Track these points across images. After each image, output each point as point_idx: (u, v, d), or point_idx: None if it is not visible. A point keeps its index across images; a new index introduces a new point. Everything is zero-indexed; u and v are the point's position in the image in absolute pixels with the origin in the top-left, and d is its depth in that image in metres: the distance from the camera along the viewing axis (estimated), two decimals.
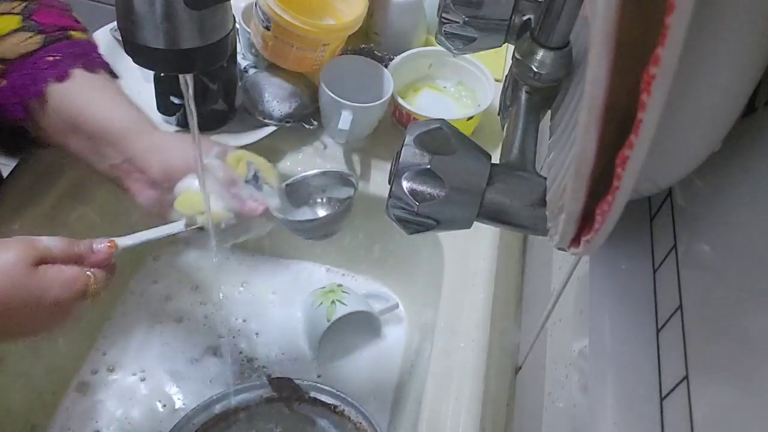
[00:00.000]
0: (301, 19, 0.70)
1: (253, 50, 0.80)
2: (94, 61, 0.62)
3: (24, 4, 0.60)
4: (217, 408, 0.71)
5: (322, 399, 0.72)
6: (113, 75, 0.66)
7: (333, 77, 0.75)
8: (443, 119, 0.36)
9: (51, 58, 0.59)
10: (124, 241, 0.54)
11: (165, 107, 0.74)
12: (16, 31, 0.59)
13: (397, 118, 0.80)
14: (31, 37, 0.59)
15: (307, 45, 0.73)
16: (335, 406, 0.72)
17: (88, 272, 0.50)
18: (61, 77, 0.59)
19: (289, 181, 0.61)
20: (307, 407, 0.73)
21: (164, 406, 0.74)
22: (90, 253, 0.52)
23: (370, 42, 0.88)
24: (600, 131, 0.24)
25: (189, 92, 0.49)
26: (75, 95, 0.60)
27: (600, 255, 0.40)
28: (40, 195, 0.70)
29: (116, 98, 0.62)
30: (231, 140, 0.74)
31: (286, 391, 0.73)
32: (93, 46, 0.64)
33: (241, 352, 0.80)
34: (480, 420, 0.59)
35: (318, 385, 0.73)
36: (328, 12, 0.80)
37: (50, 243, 0.49)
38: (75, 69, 0.60)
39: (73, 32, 0.62)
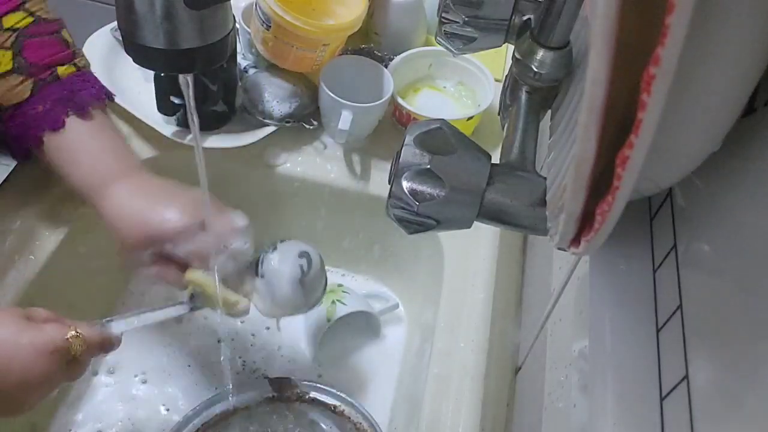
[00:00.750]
0: (301, 19, 0.70)
1: (253, 50, 0.80)
2: (84, 102, 0.62)
3: (15, 34, 0.60)
4: (217, 408, 0.71)
5: (322, 399, 0.72)
6: (108, 96, 0.66)
7: (333, 77, 0.75)
8: (443, 119, 0.36)
9: (41, 108, 0.60)
10: (118, 327, 0.55)
11: (165, 107, 0.74)
12: (8, 73, 0.60)
13: (397, 118, 0.80)
14: (21, 82, 0.60)
15: (307, 45, 0.73)
16: (335, 406, 0.72)
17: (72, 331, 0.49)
18: (55, 128, 0.60)
19: (256, 268, 0.60)
20: (307, 407, 0.73)
21: (165, 406, 0.74)
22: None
23: (370, 42, 0.88)
24: (600, 131, 0.24)
25: (189, 92, 0.49)
26: (63, 148, 0.61)
27: (600, 255, 0.40)
28: (40, 195, 0.70)
29: (93, 156, 0.61)
30: (231, 140, 0.74)
31: (286, 391, 0.73)
32: (80, 78, 0.64)
33: (240, 357, 0.79)
34: (480, 420, 0.59)
35: (318, 385, 0.73)
36: (327, 13, 0.80)
37: (36, 312, 0.51)
38: (68, 117, 0.61)
39: (60, 68, 0.62)
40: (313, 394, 0.73)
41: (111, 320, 0.55)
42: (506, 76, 0.47)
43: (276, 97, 0.76)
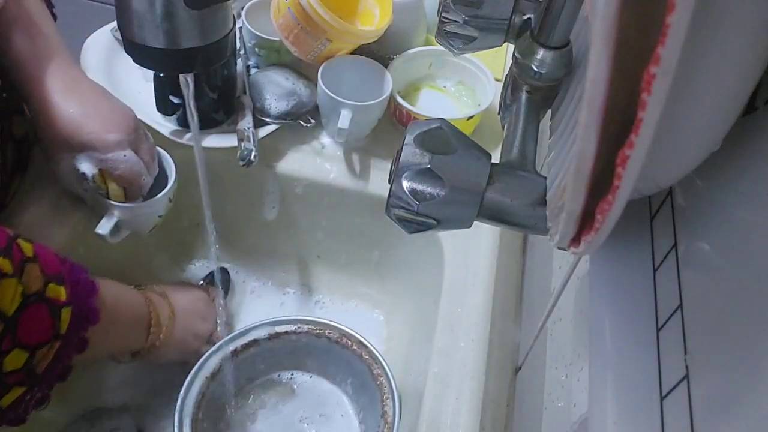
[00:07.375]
0: (321, 4, 0.69)
1: (256, 50, 0.80)
2: None
3: None
4: (256, 333, 0.73)
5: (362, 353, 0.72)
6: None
7: (332, 76, 0.75)
8: (443, 119, 0.36)
9: None
10: None
11: (164, 107, 0.74)
12: None
13: (397, 118, 0.80)
14: None
15: (311, 30, 0.72)
16: (372, 367, 0.71)
17: None
18: None
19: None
20: (350, 353, 0.73)
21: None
22: None
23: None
24: (600, 130, 0.24)
25: (189, 92, 0.49)
26: None
27: (600, 255, 0.40)
28: (39, 197, 0.70)
29: (26, 31, 0.56)
30: (230, 140, 0.74)
31: (339, 336, 0.73)
32: None
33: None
34: (480, 420, 0.59)
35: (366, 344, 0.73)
36: (353, 14, 0.79)
37: None
38: None
39: None
40: (354, 345, 0.73)
41: None
42: (506, 75, 0.47)
43: (274, 95, 0.76)
